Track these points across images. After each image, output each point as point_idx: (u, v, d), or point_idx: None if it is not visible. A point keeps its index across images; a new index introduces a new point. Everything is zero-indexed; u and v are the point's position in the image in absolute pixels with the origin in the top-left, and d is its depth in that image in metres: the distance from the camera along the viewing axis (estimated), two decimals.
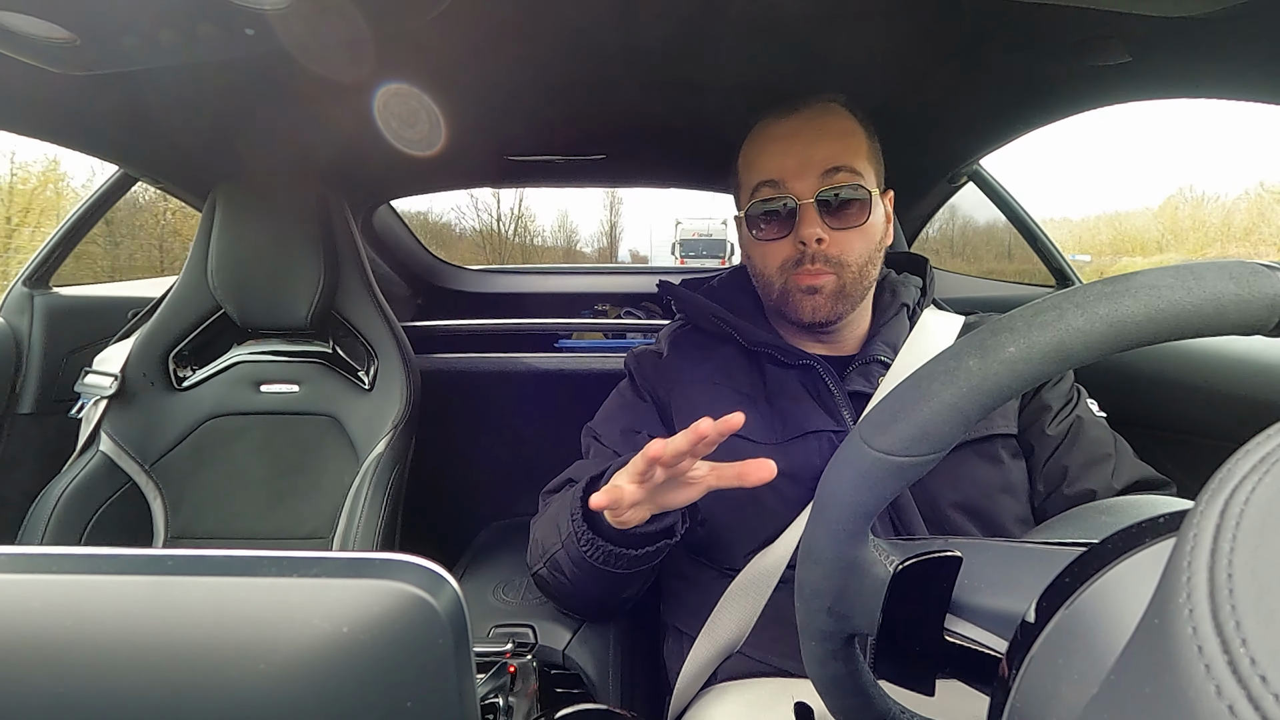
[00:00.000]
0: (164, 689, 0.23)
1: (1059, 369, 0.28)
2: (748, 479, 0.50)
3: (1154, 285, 0.27)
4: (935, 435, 0.29)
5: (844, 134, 0.69)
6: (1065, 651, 0.25)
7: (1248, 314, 0.27)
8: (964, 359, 0.29)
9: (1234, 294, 0.27)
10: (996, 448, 0.67)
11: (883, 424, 0.31)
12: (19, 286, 1.14)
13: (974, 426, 0.33)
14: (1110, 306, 0.27)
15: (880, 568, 0.33)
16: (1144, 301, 0.27)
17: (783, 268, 0.69)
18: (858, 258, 0.68)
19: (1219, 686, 0.13)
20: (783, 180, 0.68)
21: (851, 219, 0.68)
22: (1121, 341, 0.27)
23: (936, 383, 0.30)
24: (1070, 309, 0.28)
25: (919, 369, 0.31)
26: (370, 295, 1.12)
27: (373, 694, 0.24)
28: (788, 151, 0.68)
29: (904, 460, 0.30)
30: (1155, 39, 0.67)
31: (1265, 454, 0.17)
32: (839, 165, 0.67)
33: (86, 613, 0.23)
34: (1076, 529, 0.37)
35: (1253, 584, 0.14)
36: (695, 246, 11.86)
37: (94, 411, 1.02)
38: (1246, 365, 0.85)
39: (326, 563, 0.24)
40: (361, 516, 0.99)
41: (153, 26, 0.64)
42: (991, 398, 0.29)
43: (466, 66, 0.85)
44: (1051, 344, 0.28)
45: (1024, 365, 0.28)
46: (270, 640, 0.23)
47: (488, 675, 0.62)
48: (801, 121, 0.69)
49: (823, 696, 0.38)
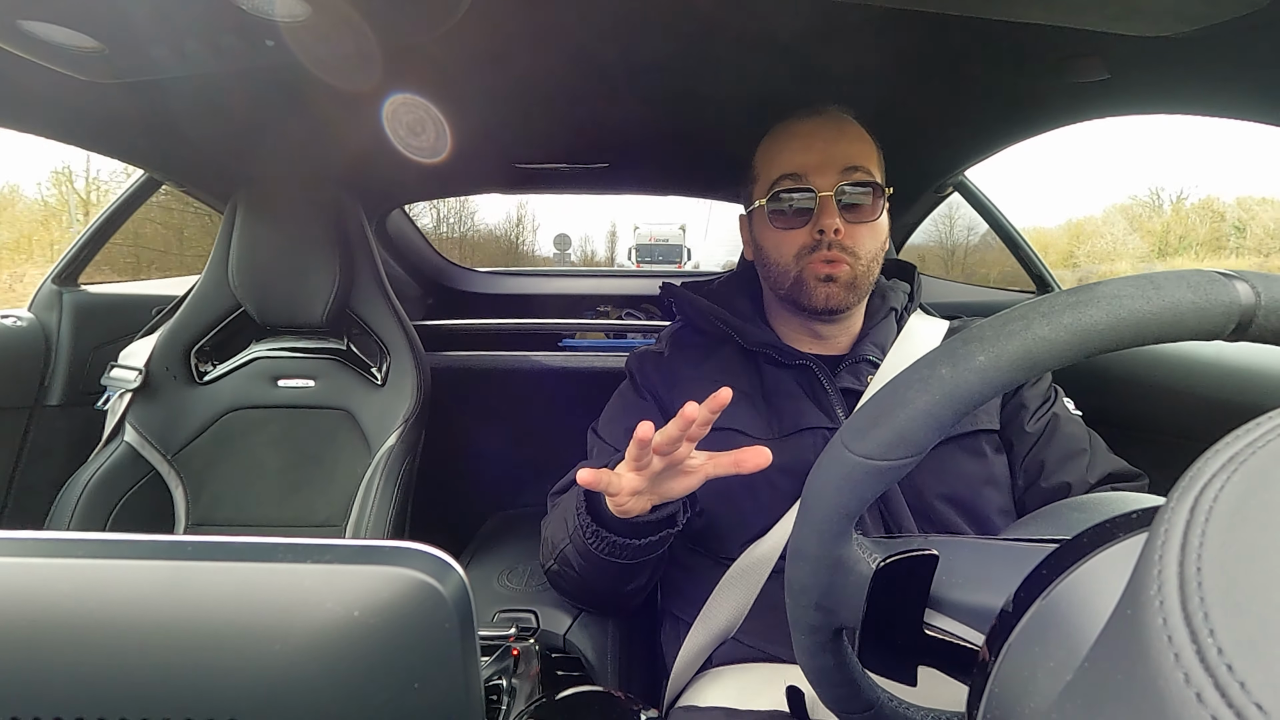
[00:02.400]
0: (183, 669, 0.24)
1: (1027, 375, 0.29)
2: (744, 466, 0.53)
3: (1116, 295, 0.28)
4: (912, 440, 0.30)
5: (859, 138, 0.73)
6: (1042, 640, 0.26)
7: (1205, 321, 0.28)
8: (937, 367, 0.30)
9: (1191, 302, 0.28)
10: (980, 443, 0.69)
11: (862, 430, 0.31)
12: (48, 284, 1.17)
13: (957, 424, 0.34)
14: (1074, 316, 0.28)
15: (864, 565, 0.34)
16: (1106, 310, 0.28)
17: (799, 255, 0.71)
18: (867, 251, 0.71)
19: (1187, 674, 0.14)
20: (805, 174, 0.70)
21: (865, 215, 0.71)
22: (1086, 348, 0.28)
23: (912, 390, 0.30)
24: (1037, 319, 0.29)
25: (896, 377, 0.32)
26: (383, 295, 1.15)
27: (381, 675, 0.24)
28: (810, 148, 0.71)
29: (883, 464, 0.31)
30: (1134, 57, 0.70)
31: (1234, 453, 0.18)
32: (856, 165, 0.70)
33: (110, 596, 0.24)
34: (1051, 526, 0.37)
35: (1221, 577, 0.15)
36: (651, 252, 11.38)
37: (119, 404, 1.06)
38: (1213, 369, 0.87)
39: (339, 550, 0.25)
40: (373, 506, 1.01)
41: (178, 37, 0.66)
42: (964, 404, 0.29)
43: (476, 78, 0.87)
44: (1019, 352, 0.29)
45: (994, 373, 0.29)
46: (284, 623, 0.24)
47: (492, 658, 0.65)
48: (821, 122, 0.73)
49: (813, 686, 0.40)
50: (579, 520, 0.63)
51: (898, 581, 0.34)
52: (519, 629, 0.79)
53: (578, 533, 0.63)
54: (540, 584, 0.88)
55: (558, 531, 0.68)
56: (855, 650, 0.36)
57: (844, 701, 0.39)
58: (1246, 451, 0.18)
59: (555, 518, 0.71)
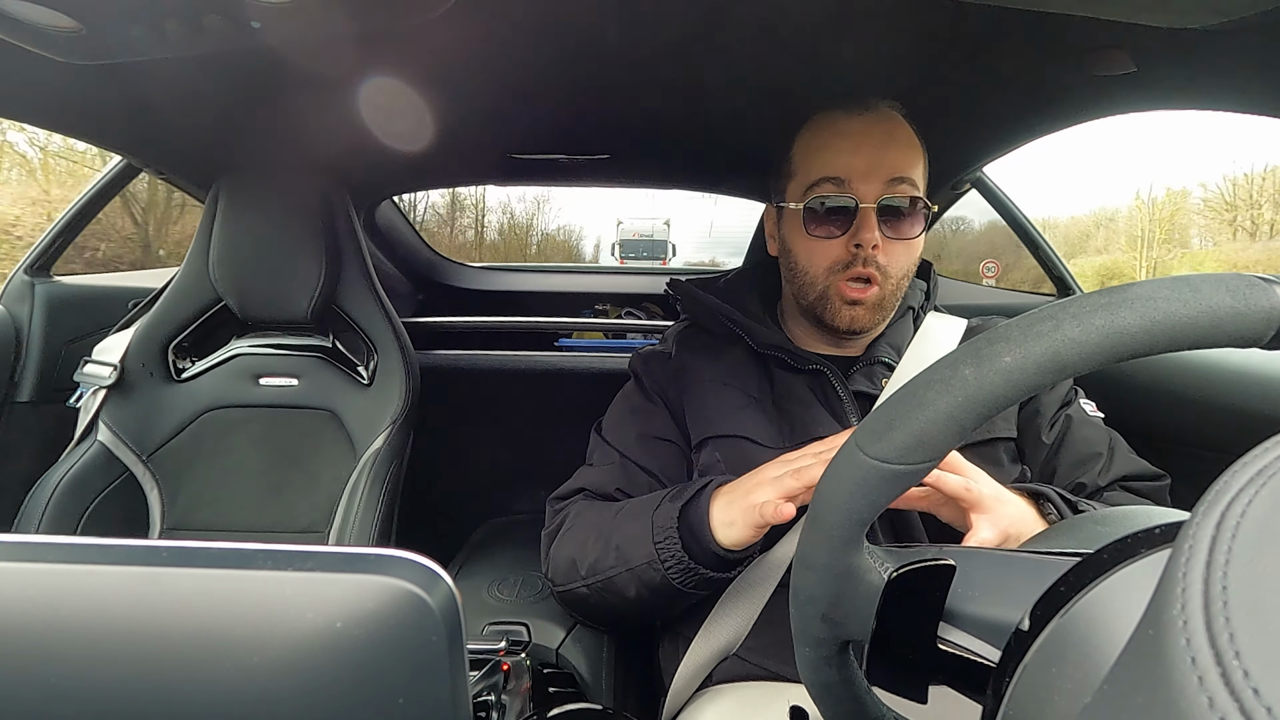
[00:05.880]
0: (157, 679, 0.23)
1: (1055, 379, 0.28)
2: None
3: (1150, 297, 0.27)
4: (931, 444, 0.29)
5: (909, 145, 0.68)
6: (1059, 660, 0.25)
7: (1243, 327, 0.27)
8: (960, 368, 0.29)
9: (1230, 307, 0.27)
10: (998, 451, 0.67)
11: (878, 432, 0.30)
12: (20, 275, 1.14)
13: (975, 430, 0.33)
14: (1106, 318, 0.27)
15: (874, 575, 0.33)
16: (1140, 313, 0.27)
17: (831, 269, 0.68)
18: (899, 270, 0.68)
19: (1212, 699, 0.13)
20: (849, 180, 0.66)
21: (906, 230, 0.67)
22: (1117, 353, 0.27)
23: (932, 391, 0.29)
24: (1066, 320, 0.28)
25: (915, 377, 0.31)
26: (371, 290, 1.13)
27: (365, 689, 0.24)
28: (856, 151, 0.67)
29: (899, 468, 0.30)
30: (1160, 50, 0.67)
31: (1262, 467, 0.17)
32: (904, 176, 0.66)
33: (81, 602, 0.23)
34: (1071, 539, 0.37)
35: (1248, 596, 0.14)
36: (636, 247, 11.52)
37: (92, 401, 1.03)
38: (1242, 377, 0.86)
39: (321, 557, 0.24)
40: (358, 511, 0.99)
41: (158, 17, 0.63)
42: (987, 407, 0.28)
43: (470, 65, 0.85)
44: (1047, 354, 0.28)
45: (1020, 375, 0.28)
46: (263, 633, 0.23)
47: (481, 673, 0.62)
48: (871, 122, 0.68)
49: (816, 702, 0.38)
50: (661, 553, 0.60)
51: (911, 593, 0.33)
52: (509, 642, 0.76)
53: (654, 564, 0.60)
54: (532, 595, 0.85)
55: (603, 559, 0.64)
56: (863, 665, 0.35)
57: (848, 718, 0.38)
58: (1276, 465, 0.17)
59: (589, 541, 0.67)
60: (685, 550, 0.60)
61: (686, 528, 0.60)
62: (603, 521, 0.67)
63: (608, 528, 0.66)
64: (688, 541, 0.60)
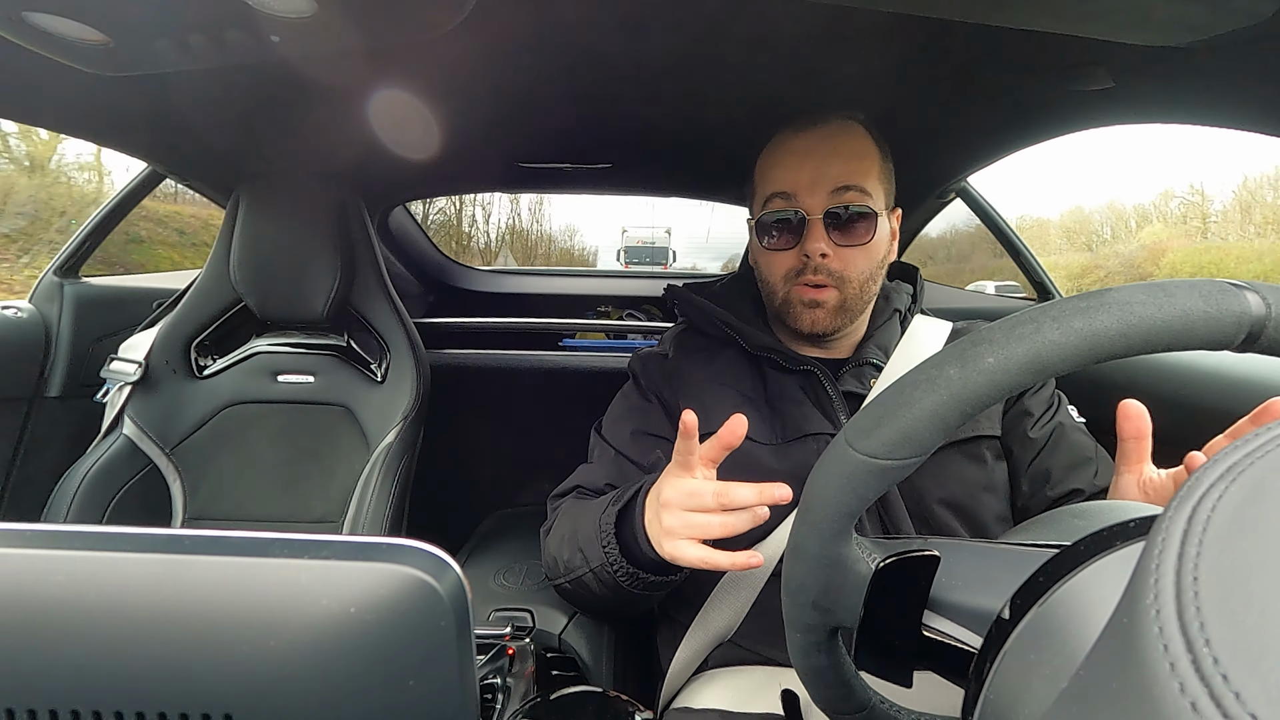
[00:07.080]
0: (179, 662, 0.24)
1: (1035, 379, 0.29)
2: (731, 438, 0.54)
3: (1127, 301, 0.28)
4: (916, 440, 0.30)
5: (858, 154, 0.70)
6: (1037, 647, 0.26)
7: (1215, 330, 0.27)
8: (945, 368, 0.30)
9: (1202, 311, 0.27)
10: (981, 448, 0.69)
11: (867, 428, 0.31)
12: (49, 276, 1.17)
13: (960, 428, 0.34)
14: (1085, 321, 0.28)
15: (863, 565, 0.34)
16: (1117, 316, 0.28)
17: (786, 277, 0.71)
18: (859, 274, 0.70)
19: (1182, 684, 0.14)
20: (794, 194, 0.69)
21: (857, 236, 0.69)
22: (1095, 354, 0.28)
23: (919, 390, 0.30)
24: (1047, 322, 0.29)
25: (902, 376, 0.32)
26: (384, 292, 1.15)
27: (377, 672, 0.25)
28: (801, 166, 0.70)
29: (886, 463, 0.31)
30: (1139, 66, 0.69)
31: (1232, 464, 0.18)
32: (849, 184, 0.68)
33: (106, 588, 0.24)
34: (1050, 531, 0.37)
35: (1217, 587, 0.15)
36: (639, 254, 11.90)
37: (118, 396, 1.06)
38: (1213, 379, 0.87)
39: (336, 546, 0.25)
40: (370, 503, 1.01)
41: (182, 32, 0.66)
42: (971, 405, 0.29)
43: (480, 76, 0.87)
44: (1028, 355, 0.28)
45: (1002, 375, 0.29)
46: (280, 619, 0.24)
47: (487, 657, 0.64)
48: (819, 138, 0.71)
49: (806, 686, 0.39)
50: (607, 557, 0.61)
51: (897, 582, 0.34)
52: (514, 628, 0.79)
53: (604, 569, 0.62)
54: (536, 583, 0.88)
55: (572, 558, 0.66)
56: (851, 651, 0.36)
57: (836, 702, 0.39)
58: (1245, 462, 0.18)
59: (565, 539, 0.69)
60: (625, 554, 0.61)
61: (630, 532, 0.61)
62: (575, 521, 0.69)
63: (575, 527, 0.68)
64: (629, 545, 0.61)
